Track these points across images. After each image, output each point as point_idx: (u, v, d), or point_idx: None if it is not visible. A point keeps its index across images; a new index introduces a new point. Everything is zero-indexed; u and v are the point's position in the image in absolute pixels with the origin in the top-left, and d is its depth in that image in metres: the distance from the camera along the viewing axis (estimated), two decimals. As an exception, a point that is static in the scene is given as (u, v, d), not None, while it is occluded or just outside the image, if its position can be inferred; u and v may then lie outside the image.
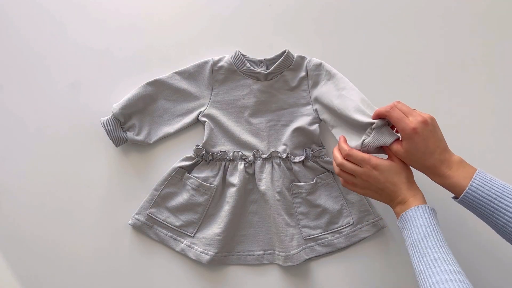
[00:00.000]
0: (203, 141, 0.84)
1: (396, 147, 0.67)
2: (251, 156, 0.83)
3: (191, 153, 0.84)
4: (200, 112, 0.85)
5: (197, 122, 0.86)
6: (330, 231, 0.84)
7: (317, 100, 0.84)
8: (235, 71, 0.85)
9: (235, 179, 0.83)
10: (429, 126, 0.63)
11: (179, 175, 0.84)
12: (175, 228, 0.84)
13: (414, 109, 0.66)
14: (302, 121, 0.84)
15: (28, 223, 0.85)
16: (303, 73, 0.85)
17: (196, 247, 0.83)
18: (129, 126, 0.84)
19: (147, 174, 0.86)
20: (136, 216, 0.84)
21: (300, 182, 0.84)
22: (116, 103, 0.83)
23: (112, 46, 0.88)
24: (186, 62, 0.85)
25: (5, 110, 0.87)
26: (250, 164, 0.84)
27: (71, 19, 0.88)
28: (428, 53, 0.88)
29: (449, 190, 0.65)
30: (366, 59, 0.88)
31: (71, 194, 0.86)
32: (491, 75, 0.88)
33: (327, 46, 0.88)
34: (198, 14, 0.89)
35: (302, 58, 0.85)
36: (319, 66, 0.84)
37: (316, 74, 0.84)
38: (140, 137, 0.83)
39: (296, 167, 0.84)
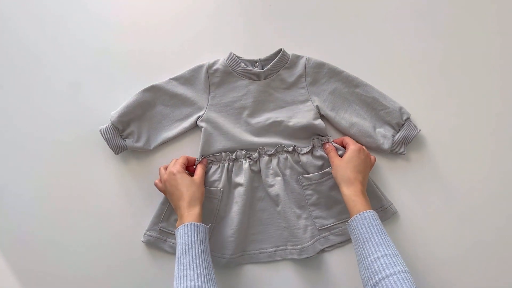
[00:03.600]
0: (200, 148, 0.83)
1: (336, 158, 0.79)
2: (256, 154, 0.83)
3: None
4: (199, 116, 0.84)
5: (196, 126, 0.85)
6: (343, 220, 0.84)
7: (319, 98, 0.85)
8: (231, 72, 0.85)
9: (241, 178, 0.83)
10: (368, 158, 0.80)
11: None
12: None
13: None
14: (306, 118, 0.84)
15: (29, 223, 0.85)
16: (300, 71, 0.85)
17: (212, 252, 0.82)
18: (128, 133, 0.83)
19: (147, 182, 0.85)
20: (148, 233, 0.84)
21: (308, 174, 0.84)
22: (114, 110, 0.83)
23: (111, 46, 0.88)
24: (186, 61, 0.86)
25: (5, 110, 0.87)
26: (255, 162, 0.83)
27: (70, 19, 0.89)
28: (427, 52, 0.88)
29: (348, 207, 0.73)
30: (365, 59, 0.88)
31: (71, 194, 0.85)
32: (493, 76, 0.87)
33: (327, 46, 0.88)
34: (198, 14, 0.89)
35: (297, 57, 0.85)
36: (320, 65, 0.85)
37: (316, 72, 0.85)
38: (139, 144, 0.83)
39: (304, 158, 0.83)
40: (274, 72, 0.85)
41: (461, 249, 0.84)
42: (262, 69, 0.85)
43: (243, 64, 0.84)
